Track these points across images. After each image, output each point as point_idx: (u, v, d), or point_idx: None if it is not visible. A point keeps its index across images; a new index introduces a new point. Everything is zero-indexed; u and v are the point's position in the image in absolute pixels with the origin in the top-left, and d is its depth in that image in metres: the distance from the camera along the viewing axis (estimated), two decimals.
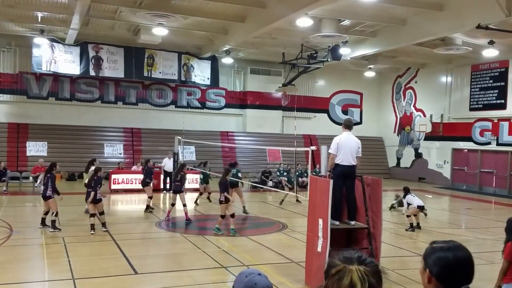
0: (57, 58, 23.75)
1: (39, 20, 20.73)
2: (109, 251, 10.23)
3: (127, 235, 12.00)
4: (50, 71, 23.95)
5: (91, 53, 24.40)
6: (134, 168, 21.95)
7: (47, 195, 11.95)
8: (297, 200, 17.22)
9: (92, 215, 11.79)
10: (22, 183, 20.24)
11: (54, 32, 23.30)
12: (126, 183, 20.64)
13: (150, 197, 15.36)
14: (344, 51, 22.20)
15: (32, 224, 12.50)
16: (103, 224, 11.98)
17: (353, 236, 8.30)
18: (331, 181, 7.47)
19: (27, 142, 23.64)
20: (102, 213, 11.99)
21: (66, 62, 24.00)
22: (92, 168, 14.11)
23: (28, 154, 23.16)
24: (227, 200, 12.10)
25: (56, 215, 11.84)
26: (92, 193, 11.73)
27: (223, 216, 12.17)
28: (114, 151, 25.80)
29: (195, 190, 19.22)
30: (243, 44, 23.83)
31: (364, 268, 1.71)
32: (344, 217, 8.10)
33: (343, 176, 7.86)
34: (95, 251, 10.23)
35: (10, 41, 24.92)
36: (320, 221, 7.59)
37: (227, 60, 27.12)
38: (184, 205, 13.94)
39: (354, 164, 7.94)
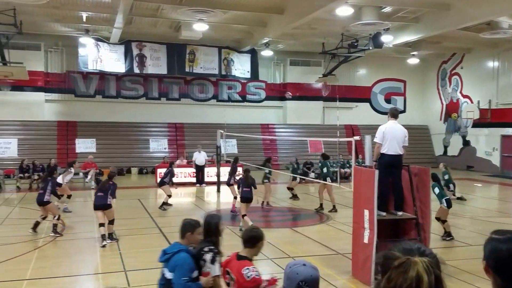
0: (103, 57, 24.47)
1: (84, 20, 21.33)
2: (158, 243, 10.41)
3: (175, 227, 12.16)
4: (96, 69, 24.73)
5: (135, 51, 25.00)
6: (178, 162, 22.32)
7: (44, 200, 11.09)
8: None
9: (102, 225, 10.27)
10: (72, 179, 20.92)
11: (99, 31, 23.93)
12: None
13: (169, 196, 15.09)
14: (386, 39, 21.75)
15: (83, 218, 12.89)
16: (110, 235, 10.50)
17: (400, 227, 8.16)
18: (377, 171, 7.36)
19: (76, 139, 24.43)
20: (111, 222, 10.65)
21: (111, 60, 24.68)
22: (71, 169, 14.77)
23: (77, 151, 23.95)
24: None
25: (58, 218, 11.21)
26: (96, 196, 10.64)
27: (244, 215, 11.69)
28: (159, 146, 26.38)
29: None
30: (282, 36, 23.73)
31: (427, 260, 1.69)
32: (391, 208, 7.97)
33: (390, 166, 7.71)
34: (145, 244, 10.44)
35: (57, 42, 25.75)
36: (366, 212, 7.50)
37: (267, 53, 27.09)
38: (235, 197, 14.06)
39: (401, 153, 7.77)
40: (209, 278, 4.36)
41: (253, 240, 4.31)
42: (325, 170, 14.59)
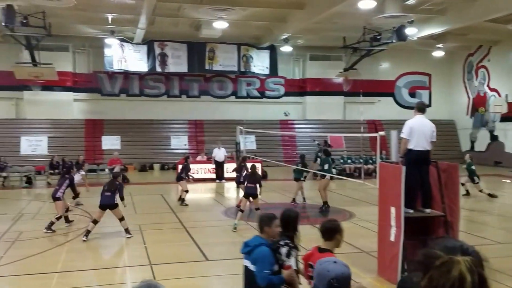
0: (127, 57, 25.15)
1: (109, 22, 21.73)
2: (181, 238, 10.52)
3: (196, 222, 12.27)
4: (120, 69, 25.40)
5: (157, 50, 25.51)
6: (198, 158, 22.45)
7: (56, 196, 11.27)
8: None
9: (95, 222, 10.34)
10: (99, 174, 21.39)
11: (123, 32, 24.38)
12: (192, 173, 21.06)
13: (186, 191, 15.07)
14: (410, 31, 21.36)
15: (109, 213, 12.98)
16: (126, 230, 10.55)
17: (428, 225, 7.93)
18: (404, 168, 7.15)
19: (102, 136, 25.00)
20: (122, 219, 10.62)
21: (135, 60, 25.35)
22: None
23: (103, 147, 24.46)
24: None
25: (58, 219, 11.19)
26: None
27: (257, 208, 11.68)
28: (179, 142, 26.66)
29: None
30: (301, 31, 23.54)
31: (470, 259, 1.59)
32: (418, 205, 7.75)
33: (417, 162, 7.48)
34: (169, 238, 10.57)
35: (84, 43, 26.39)
36: (393, 210, 7.31)
37: (286, 48, 26.92)
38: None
39: (429, 149, 7.54)
40: (291, 271, 4.41)
41: (330, 232, 4.32)
42: (326, 166, 14.01)
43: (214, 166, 21.11)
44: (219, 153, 20.86)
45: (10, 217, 12.58)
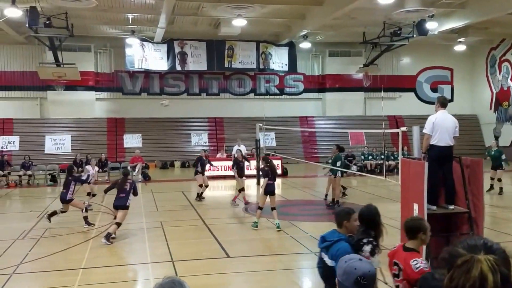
0: (147, 56, 25.43)
1: (130, 22, 22.05)
2: (202, 235, 10.59)
3: (217, 219, 12.32)
4: (141, 68, 25.70)
5: (177, 49, 25.74)
6: (218, 155, 22.54)
7: (66, 198, 11.36)
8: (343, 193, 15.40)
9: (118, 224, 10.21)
10: (122, 172, 21.56)
11: (144, 32, 24.73)
12: (213, 170, 21.13)
13: (200, 185, 15.10)
14: (431, 26, 21.06)
15: (133, 210, 13.13)
16: (107, 235, 9.83)
17: (452, 222, 7.83)
18: (426, 164, 7.07)
19: (124, 135, 25.37)
20: (119, 224, 10.10)
21: (155, 59, 25.60)
22: (87, 167, 14.92)
23: (125, 146, 24.83)
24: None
25: (86, 210, 11.39)
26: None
27: (261, 208, 11.05)
28: (200, 140, 26.84)
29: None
30: (320, 27, 23.42)
31: (493, 257, 1.54)
32: (442, 202, 7.65)
33: (440, 158, 7.38)
34: (190, 235, 10.65)
35: (106, 43, 26.84)
36: (415, 206, 7.23)
37: (305, 45, 26.82)
38: (243, 189, 14.53)
39: (452, 144, 7.43)
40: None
41: (412, 230, 4.22)
42: (338, 163, 13.69)
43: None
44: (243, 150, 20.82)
45: (35, 215, 12.81)
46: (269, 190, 10.93)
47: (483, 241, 1.62)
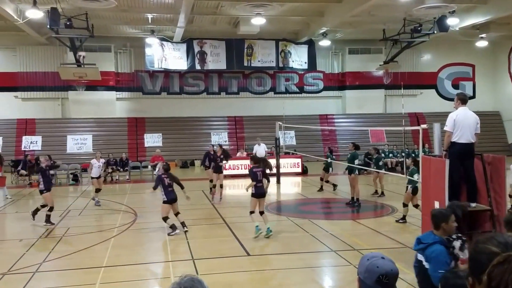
0: (167, 56, 25.55)
1: (150, 22, 22.24)
2: (222, 233, 10.64)
3: (237, 218, 12.35)
4: (161, 68, 25.82)
5: (196, 49, 25.80)
6: (238, 154, 22.58)
7: (39, 189, 11.79)
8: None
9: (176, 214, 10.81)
10: (142, 171, 21.91)
11: (163, 31, 24.94)
12: (233, 169, 21.23)
13: (211, 181, 15.20)
14: (452, 21, 20.76)
15: (153, 209, 13.28)
16: (183, 224, 10.72)
17: (474, 219, 7.73)
18: (447, 161, 7.00)
19: (145, 134, 25.54)
20: (177, 214, 10.86)
21: (175, 58, 25.70)
22: (93, 161, 15.07)
23: (146, 145, 25.03)
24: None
25: (45, 208, 11.64)
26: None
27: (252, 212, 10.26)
28: (220, 139, 26.81)
29: (296, 174, 19.25)
30: (340, 25, 23.28)
31: None
32: (463, 199, 7.56)
33: (461, 155, 7.29)
34: (210, 234, 10.72)
35: (126, 43, 27.15)
36: (437, 204, 7.16)
37: (324, 43, 26.69)
38: (221, 185, 14.59)
39: (473, 141, 7.34)
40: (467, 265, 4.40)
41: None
42: (356, 162, 13.54)
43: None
44: (260, 149, 20.85)
45: (58, 214, 12.98)
46: (258, 193, 10.22)
47: None
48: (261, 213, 10.16)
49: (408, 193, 11.08)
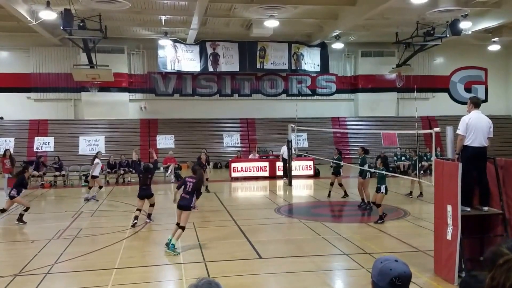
0: (180, 57, 25.72)
1: (163, 23, 22.36)
2: (234, 235, 10.64)
3: (249, 220, 12.36)
4: (174, 70, 26.00)
5: (209, 51, 25.94)
6: (251, 156, 22.61)
7: (10, 195, 12.16)
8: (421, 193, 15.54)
9: (138, 210, 11.71)
10: (154, 173, 21.87)
11: (176, 33, 25.05)
12: (245, 171, 21.27)
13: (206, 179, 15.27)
14: (465, 25, 20.66)
15: (165, 211, 13.34)
16: (149, 215, 11.96)
17: (486, 223, 7.69)
18: (460, 165, 6.97)
19: (157, 135, 25.66)
20: (152, 205, 12.07)
21: (188, 60, 25.85)
22: (97, 160, 15.31)
23: (158, 146, 25.10)
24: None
25: (26, 210, 12.12)
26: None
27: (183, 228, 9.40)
28: (232, 141, 26.91)
29: (308, 176, 19.25)
30: (353, 28, 23.25)
31: None
32: (476, 203, 7.53)
33: (474, 158, 7.27)
34: (222, 236, 10.69)
35: (139, 45, 27.30)
36: (449, 208, 7.14)
37: (337, 45, 26.67)
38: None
39: (486, 145, 7.31)
40: None
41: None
42: (366, 167, 13.47)
43: (281, 163, 20.70)
44: (287, 150, 20.72)
45: (70, 215, 13.10)
46: (179, 204, 9.36)
47: None
48: (179, 226, 9.24)
49: (382, 194, 11.57)
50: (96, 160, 15.58)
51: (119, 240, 10.28)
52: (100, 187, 16.35)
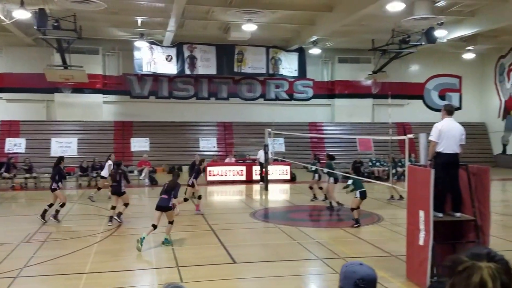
0: (156, 59, 25.26)
1: (139, 25, 22.11)
2: (208, 240, 10.54)
3: (224, 225, 12.27)
4: (150, 71, 25.55)
5: (186, 53, 25.67)
6: (227, 160, 22.53)
7: (52, 187, 12.57)
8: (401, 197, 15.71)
9: (113, 208, 12.11)
10: (128, 176, 21.55)
11: (153, 35, 24.75)
12: (221, 175, 21.19)
13: (199, 197, 14.63)
14: (440, 33, 21.05)
15: (139, 214, 13.18)
16: (119, 214, 12.15)
17: (459, 229, 7.80)
18: (433, 171, 7.05)
19: (131, 138, 25.31)
20: (126, 205, 12.40)
21: (165, 62, 25.48)
22: (109, 162, 15.36)
23: (132, 149, 24.82)
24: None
25: (62, 205, 12.56)
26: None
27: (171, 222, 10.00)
28: (208, 144, 26.82)
29: (285, 181, 19.30)
30: (330, 34, 23.46)
31: (494, 265, 1.56)
32: (448, 209, 7.63)
33: (446, 165, 7.37)
34: (196, 240, 10.59)
35: (114, 46, 26.86)
36: (421, 213, 7.21)
37: (315, 51, 26.85)
38: (200, 197, 13.92)
39: (458, 152, 7.43)
40: None
41: None
42: (326, 170, 14.44)
43: (259, 167, 20.66)
44: (263, 155, 20.65)
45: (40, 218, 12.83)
46: (160, 205, 9.84)
47: (487, 251, 1.63)
48: (168, 221, 9.91)
49: (357, 198, 11.79)
50: (109, 162, 15.44)
51: (91, 244, 10.09)
52: (99, 188, 16.24)
